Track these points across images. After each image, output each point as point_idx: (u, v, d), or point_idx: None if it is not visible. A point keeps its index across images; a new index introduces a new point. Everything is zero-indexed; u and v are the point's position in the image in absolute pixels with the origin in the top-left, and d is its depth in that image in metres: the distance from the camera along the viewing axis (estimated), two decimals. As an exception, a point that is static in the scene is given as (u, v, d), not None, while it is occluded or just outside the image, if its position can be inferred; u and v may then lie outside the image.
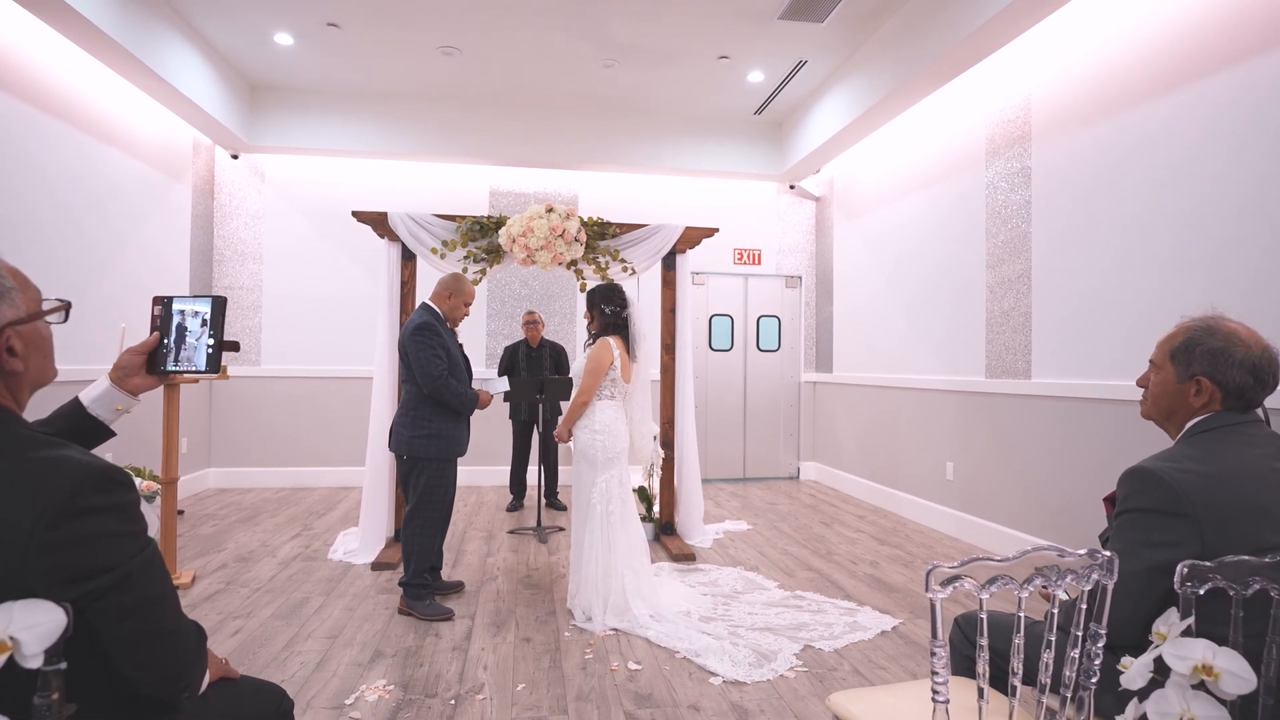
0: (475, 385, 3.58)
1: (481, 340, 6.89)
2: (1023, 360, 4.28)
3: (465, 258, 4.58)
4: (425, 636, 3.08)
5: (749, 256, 7.31)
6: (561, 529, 5.03)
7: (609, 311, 3.46)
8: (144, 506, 4.16)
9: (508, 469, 6.02)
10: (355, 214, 4.52)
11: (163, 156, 5.63)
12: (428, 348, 3.23)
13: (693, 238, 4.86)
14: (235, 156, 6.42)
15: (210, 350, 1.43)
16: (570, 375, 3.63)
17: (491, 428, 6.71)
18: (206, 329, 1.43)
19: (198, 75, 5.37)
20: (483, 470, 6.80)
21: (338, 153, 6.46)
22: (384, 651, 2.91)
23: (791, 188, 7.31)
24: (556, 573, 4.06)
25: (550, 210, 4.52)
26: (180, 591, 3.57)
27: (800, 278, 7.43)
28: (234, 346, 1.57)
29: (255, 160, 6.58)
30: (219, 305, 1.45)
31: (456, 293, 3.46)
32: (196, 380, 4.88)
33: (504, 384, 3.64)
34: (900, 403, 5.69)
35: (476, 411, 3.51)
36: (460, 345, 3.55)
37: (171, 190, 5.76)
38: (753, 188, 7.34)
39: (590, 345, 3.50)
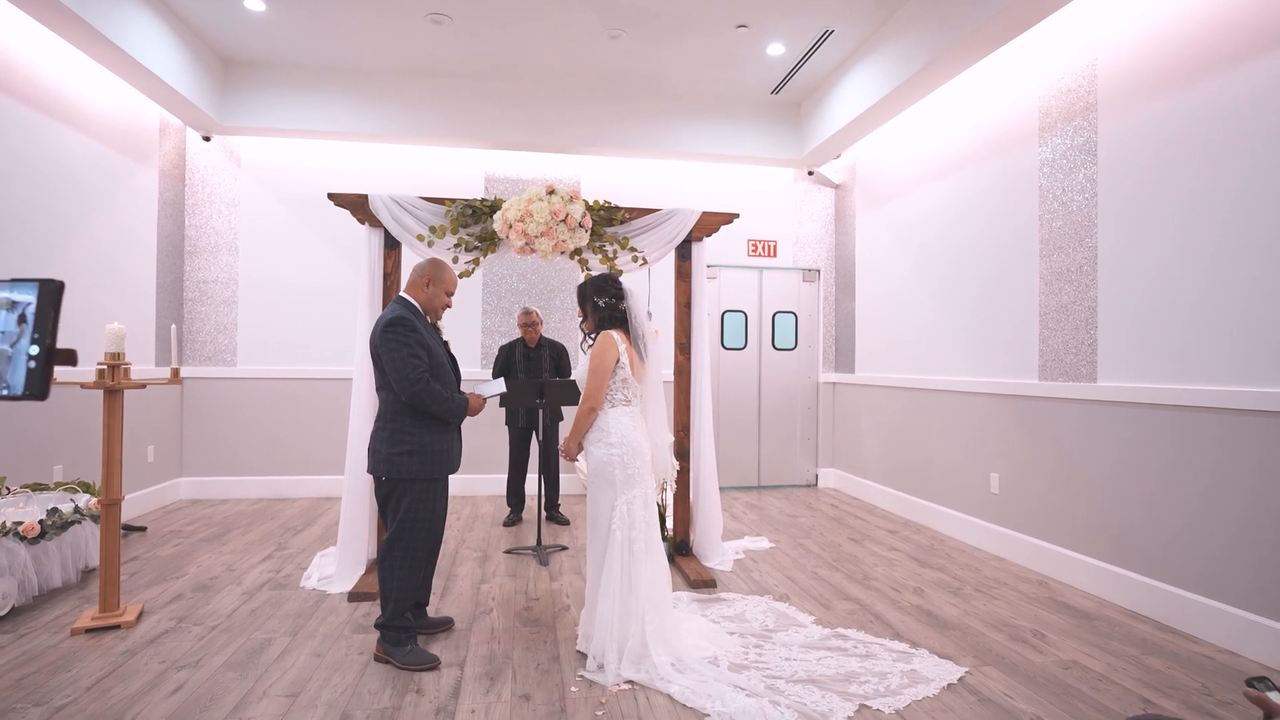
0: (465, 389, 3.08)
1: (476, 339, 6.38)
2: (1086, 361, 3.79)
3: (455, 246, 4.07)
4: (405, 693, 2.58)
5: (764, 248, 6.81)
6: (564, 548, 4.54)
7: (603, 304, 2.97)
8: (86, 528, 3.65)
9: (504, 478, 5.53)
10: (332, 196, 4.01)
11: (124, 137, 5.11)
12: (403, 346, 2.71)
13: (710, 224, 4.36)
14: (207, 138, 5.90)
15: (32, 365, 0.91)
16: (573, 378, 3.13)
17: (488, 433, 6.20)
18: (27, 331, 0.92)
19: (161, 46, 4.85)
20: (478, 479, 6.30)
21: (319, 134, 5.94)
22: (353, 716, 2.40)
23: (810, 174, 6.81)
24: (559, 603, 3.56)
25: (552, 192, 4.02)
26: (122, 632, 3.07)
27: (819, 271, 6.92)
28: (69, 359, 1.05)
29: (230, 143, 6.06)
30: (49, 295, 0.94)
31: (435, 280, 2.96)
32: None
33: (499, 385, 3.12)
34: (933, 406, 5.20)
35: (467, 419, 3.02)
36: (445, 343, 3.05)
37: (135, 174, 5.24)
38: (768, 174, 6.84)
39: (589, 345, 2.99)
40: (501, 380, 3.17)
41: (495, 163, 6.39)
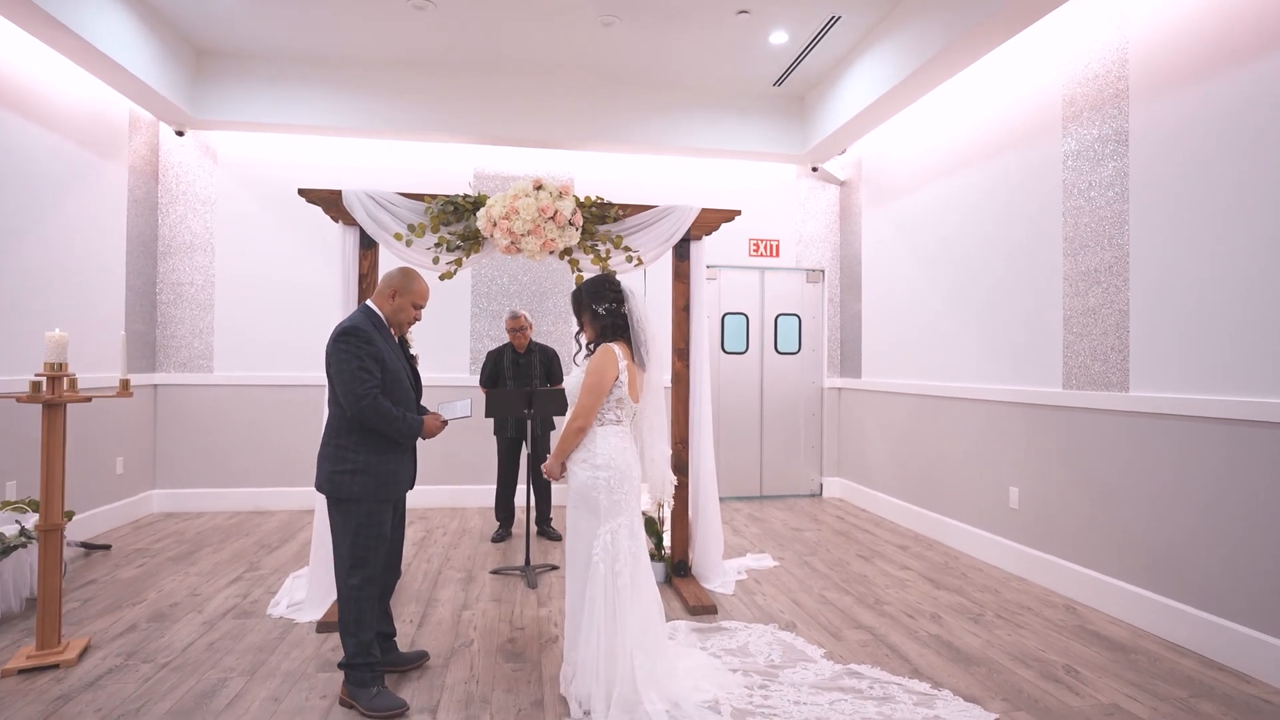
0: (432, 407, 2.80)
1: (465, 344, 6.10)
2: (1117, 369, 3.50)
3: (436, 245, 3.79)
4: (367, 747, 2.29)
5: (766, 248, 6.53)
6: (554, 567, 4.25)
7: (603, 311, 2.66)
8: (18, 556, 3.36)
9: (494, 489, 5.24)
10: (303, 192, 3.73)
11: (89, 130, 4.82)
12: (353, 358, 2.48)
13: (710, 222, 4.08)
14: (180, 133, 5.61)
15: None
16: (563, 387, 2.83)
17: (478, 442, 5.92)
18: None
19: (127, 35, 4.57)
20: (468, 490, 6.01)
21: (299, 129, 5.65)
22: (305, 778, 2.12)
23: (814, 170, 6.52)
24: (546, 633, 3.27)
25: (540, 187, 3.73)
26: (60, 672, 2.78)
27: (823, 271, 6.64)
28: None
29: (205, 138, 5.77)
30: None
31: (403, 291, 2.70)
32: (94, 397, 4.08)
33: (464, 407, 2.84)
34: (945, 414, 4.91)
35: (434, 437, 2.74)
36: (411, 357, 2.78)
37: (102, 170, 4.96)
38: (770, 170, 6.56)
39: (587, 356, 2.70)
40: (468, 402, 2.88)
41: (485, 159, 6.11)
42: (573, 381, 2.65)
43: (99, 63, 4.49)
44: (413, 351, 2.83)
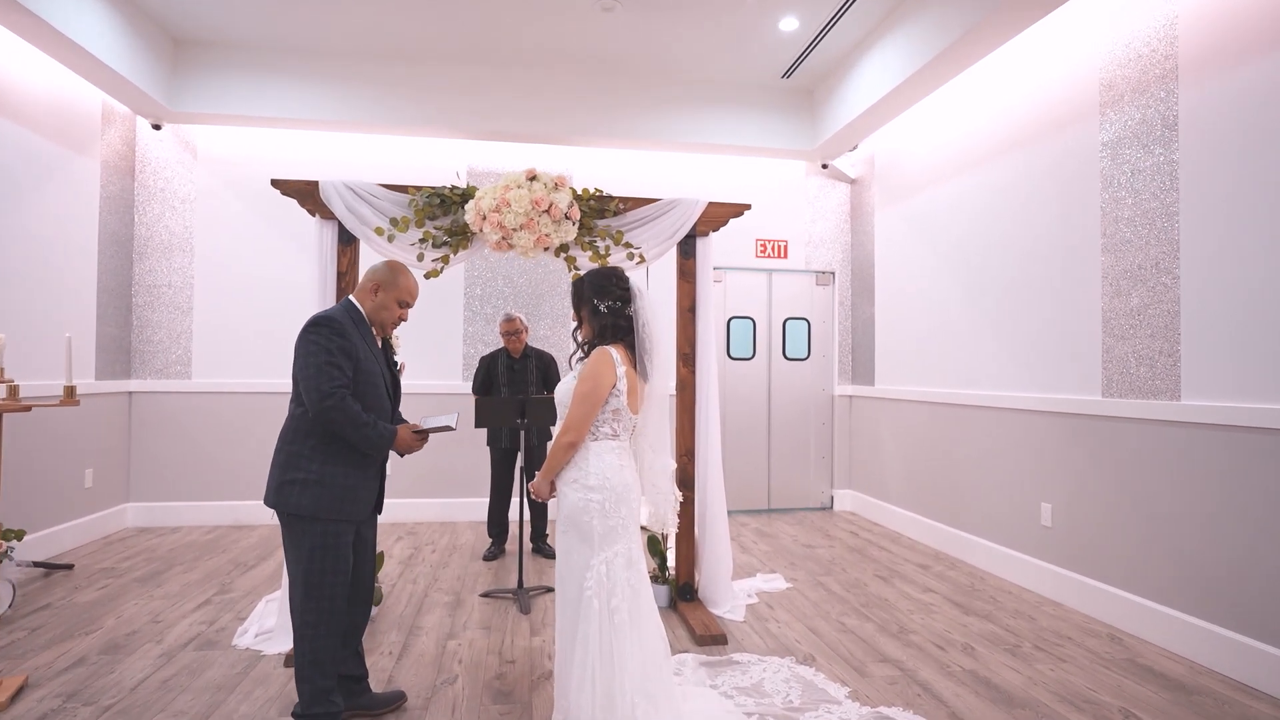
0: (410, 419, 2.50)
1: (458, 349, 5.80)
2: (1166, 375, 3.19)
3: (420, 241, 3.50)
4: (326, 813, 1.97)
5: (773, 248, 6.23)
6: (549, 589, 3.94)
7: (605, 309, 2.34)
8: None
9: (487, 501, 4.93)
10: (276, 183, 3.44)
11: (57, 122, 4.54)
12: (322, 351, 2.17)
13: (717, 217, 3.78)
14: (157, 126, 5.33)
15: None
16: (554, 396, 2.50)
17: (471, 453, 5.61)
18: None
19: (99, 23, 4.30)
20: (459, 504, 5.70)
21: (283, 122, 5.37)
22: None
23: (824, 167, 6.23)
24: (540, 667, 2.96)
25: (533, 178, 3.44)
26: (-12, 717, 2.47)
27: (833, 273, 6.34)
28: None
29: (184, 132, 5.49)
30: None
31: (387, 286, 2.39)
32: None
33: (448, 419, 2.52)
34: (968, 423, 4.60)
35: (408, 452, 2.42)
36: (394, 363, 2.48)
37: (71, 164, 4.67)
38: (778, 168, 6.27)
39: (581, 360, 2.40)
40: (455, 415, 2.55)
41: (478, 155, 5.82)
42: (563, 389, 2.34)
43: (68, 51, 4.22)
44: (397, 358, 2.53)
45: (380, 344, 2.44)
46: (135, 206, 5.40)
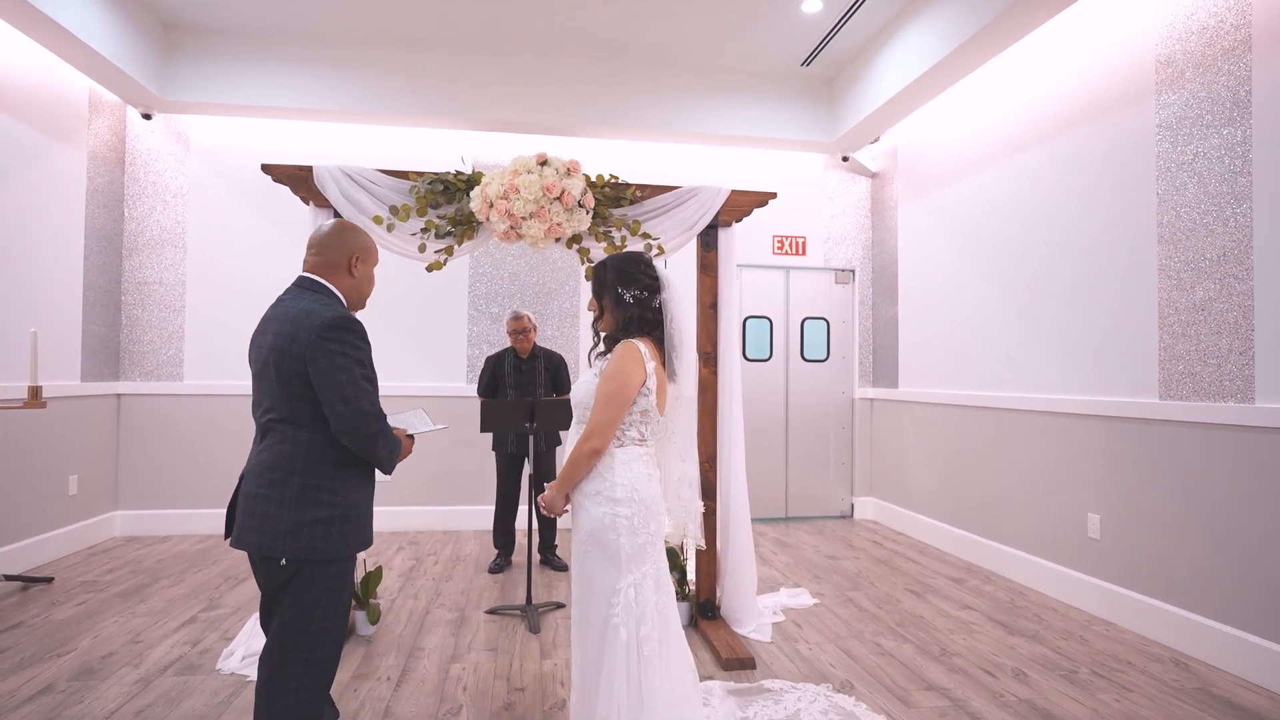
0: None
1: (462, 350, 5.54)
2: (1236, 375, 2.92)
3: (423, 230, 3.25)
4: None
5: (791, 245, 5.97)
6: (560, 605, 3.67)
7: (631, 299, 2.06)
8: None
9: (493, 509, 4.67)
10: (268, 168, 3.20)
11: (39, 110, 4.30)
12: (353, 363, 1.76)
13: (740, 206, 3.53)
14: (148, 116, 5.09)
15: None
16: (569, 397, 2.19)
17: (476, 457, 5.36)
18: None
19: (84, 3, 4.06)
20: (465, 511, 5.44)
21: (279, 112, 5.13)
22: None
23: (844, 160, 5.97)
24: (552, 695, 2.69)
25: (544, 163, 3.19)
26: (-63, 756, 2.20)
27: (853, 271, 6.08)
28: None
29: (176, 123, 5.25)
30: None
31: (367, 256, 1.96)
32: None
33: (423, 421, 2.18)
34: (1003, 427, 4.33)
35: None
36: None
37: (53, 153, 4.43)
38: (796, 161, 6.01)
39: (602, 355, 2.12)
40: (420, 412, 2.21)
41: (482, 147, 5.57)
42: (583, 389, 2.06)
43: (51, 34, 3.99)
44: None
45: None
46: (125, 200, 5.16)
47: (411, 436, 2.08)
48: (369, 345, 1.83)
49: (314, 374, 1.74)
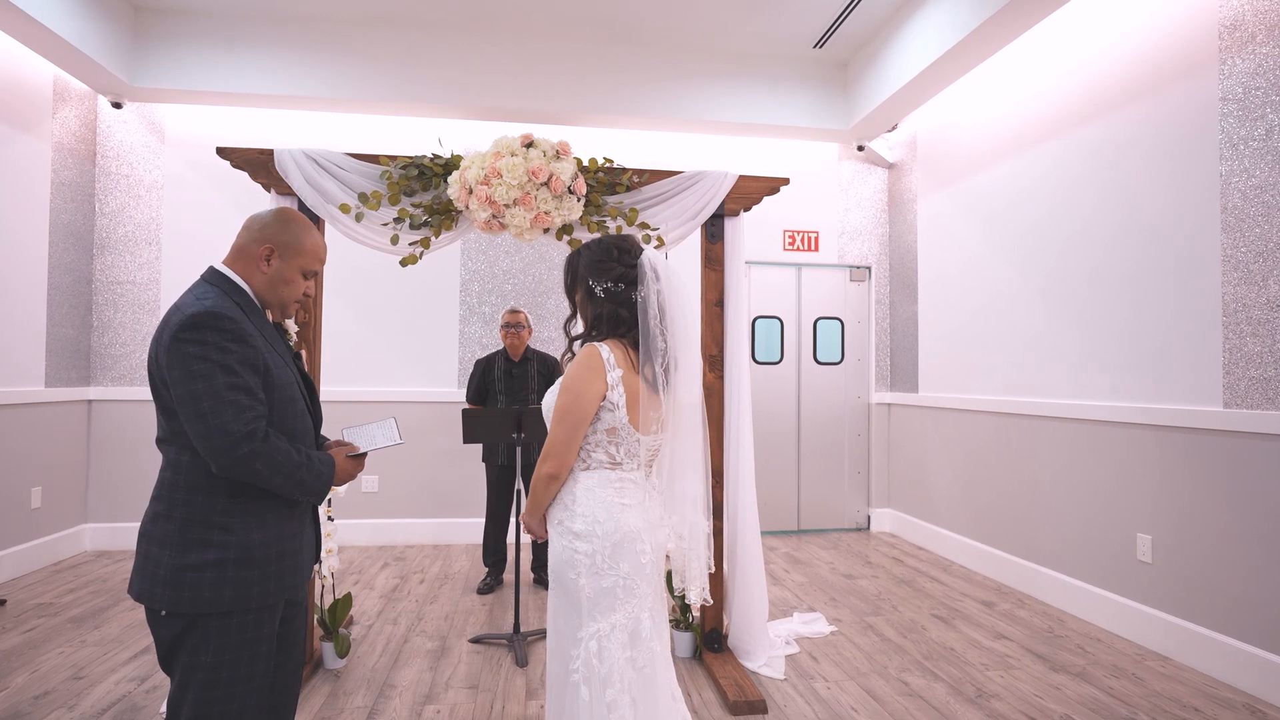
0: (334, 437, 1.83)
1: (453, 353, 5.22)
2: (1317, 380, 2.55)
3: (396, 221, 2.92)
4: None
5: (803, 240, 5.62)
6: (551, 634, 3.33)
7: (602, 293, 1.73)
8: None
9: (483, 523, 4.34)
10: (223, 151, 2.89)
11: (-4, 95, 4.02)
12: (214, 369, 1.38)
13: (749, 193, 3.19)
14: (118, 105, 4.80)
15: None
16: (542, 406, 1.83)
17: (468, 468, 5.03)
18: None
19: (38, -23, 3.77)
20: (455, 524, 5.11)
21: (257, 100, 4.82)
22: None
23: (860, 149, 5.62)
24: (534, 748, 2.36)
25: (530, 145, 2.86)
26: None
27: (869, 268, 5.72)
28: None
29: (151, 112, 4.96)
30: None
31: (285, 250, 1.57)
32: None
33: (388, 432, 1.84)
34: (1037, 436, 3.96)
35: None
36: (298, 355, 1.80)
37: (13, 146, 4.15)
38: (808, 150, 5.66)
39: (569, 358, 1.77)
40: (391, 422, 1.87)
41: (471, 135, 5.20)
42: (547, 402, 1.74)
43: (10, 17, 3.70)
44: (293, 341, 1.83)
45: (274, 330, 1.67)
46: (96, 194, 4.87)
47: (361, 456, 1.74)
48: (248, 346, 1.43)
49: (171, 383, 1.39)
